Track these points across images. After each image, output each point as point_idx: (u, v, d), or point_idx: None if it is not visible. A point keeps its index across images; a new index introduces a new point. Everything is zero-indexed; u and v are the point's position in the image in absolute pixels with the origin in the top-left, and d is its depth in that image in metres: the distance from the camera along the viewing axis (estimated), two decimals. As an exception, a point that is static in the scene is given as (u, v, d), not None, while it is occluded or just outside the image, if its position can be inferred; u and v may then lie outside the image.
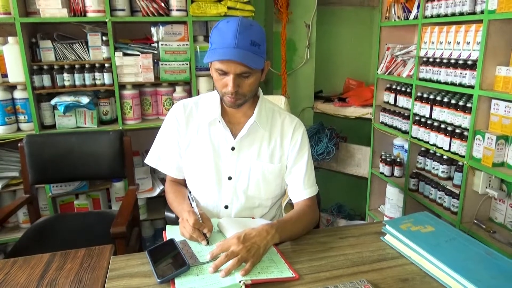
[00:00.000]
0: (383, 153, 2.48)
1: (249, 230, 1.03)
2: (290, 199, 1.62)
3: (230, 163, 1.30)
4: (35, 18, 2.04)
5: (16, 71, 2.05)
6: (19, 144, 1.87)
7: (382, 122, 2.48)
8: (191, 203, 1.18)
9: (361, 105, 2.66)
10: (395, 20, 2.32)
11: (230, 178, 1.31)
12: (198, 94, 2.31)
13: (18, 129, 2.15)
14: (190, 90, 2.36)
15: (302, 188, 1.30)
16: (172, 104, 2.32)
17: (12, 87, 2.12)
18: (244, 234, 1.01)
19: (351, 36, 2.98)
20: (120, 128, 2.21)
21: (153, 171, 2.50)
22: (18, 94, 2.09)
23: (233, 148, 1.30)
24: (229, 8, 2.21)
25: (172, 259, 1.00)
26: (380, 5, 2.41)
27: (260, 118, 1.29)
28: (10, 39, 2.04)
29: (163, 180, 2.47)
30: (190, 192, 1.19)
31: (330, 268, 1.01)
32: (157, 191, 2.34)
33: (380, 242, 1.14)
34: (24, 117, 2.11)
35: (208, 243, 1.09)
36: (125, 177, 2.00)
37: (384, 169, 2.44)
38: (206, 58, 1.18)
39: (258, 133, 1.31)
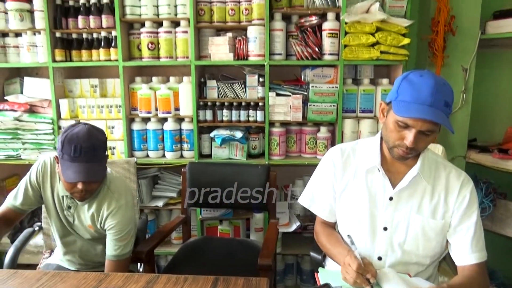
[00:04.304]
0: (557, 218, 2.10)
1: (416, 291, 0.97)
2: (444, 258, 1.47)
3: (386, 213, 1.26)
4: (206, 61, 2.35)
5: (186, 106, 2.37)
6: (182, 169, 2.13)
7: (557, 182, 2.11)
8: (351, 246, 1.16)
9: (528, 159, 2.32)
10: None
11: (385, 229, 1.26)
12: (342, 136, 2.32)
13: (181, 156, 2.46)
14: (334, 131, 2.39)
15: (469, 252, 1.18)
16: (315, 144, 2.38)
17: (180, 119, 2.45)
18: (411, 294, 0.96)
19: (515, 81, 2.67)
20: (267, 162, 2.34)
21: (290, 207, 2.56)
22: (185, 126, 2.41)
23: (391, 198, 1.26)
24: (382, 52, 2.20)
25: (331, 305, 1.00)
26: (561, 48, 2.11)
27: (423, 170, 1.23)
28: (185, 78, 2.39)
29: (299, 216, 2.51)
30: (349, 235, 1.18)
31: None
32: (293, 227, 2.38)
33: None
34: (187, 145, 2.41)
35: None
36: (267, 210, 2.10)
37: (559, 238, 2.05)
38: (398, 111, 1.11)
39: (420, 185, 1.24)
